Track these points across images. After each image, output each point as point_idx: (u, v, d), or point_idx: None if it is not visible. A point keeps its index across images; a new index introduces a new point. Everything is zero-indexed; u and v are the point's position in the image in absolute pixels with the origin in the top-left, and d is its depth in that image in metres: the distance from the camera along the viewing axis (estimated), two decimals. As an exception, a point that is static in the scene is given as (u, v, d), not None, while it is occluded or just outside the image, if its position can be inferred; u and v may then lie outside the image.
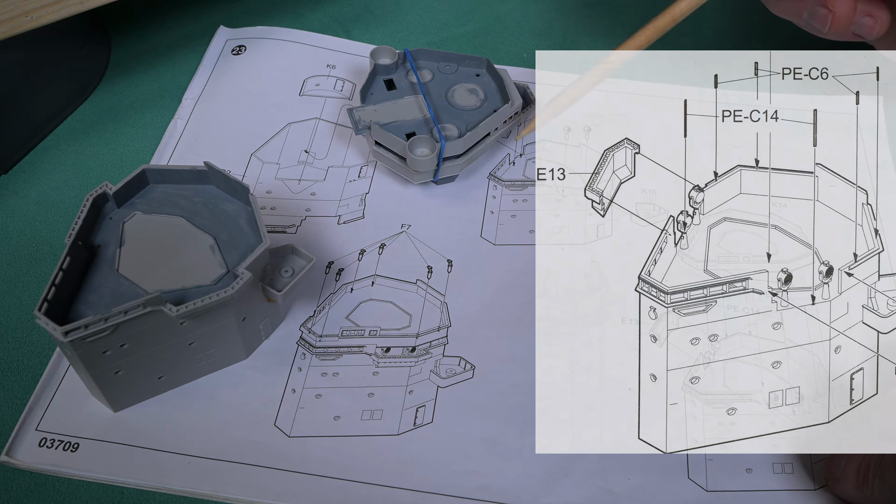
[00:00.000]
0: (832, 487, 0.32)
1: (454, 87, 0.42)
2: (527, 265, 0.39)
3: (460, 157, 0.40)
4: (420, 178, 0.40)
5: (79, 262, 0.32)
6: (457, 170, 0.41)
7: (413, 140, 0.39)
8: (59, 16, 0.37)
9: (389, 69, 0.43)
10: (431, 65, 0.44)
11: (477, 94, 0.42)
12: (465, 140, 0.40)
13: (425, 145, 0.39)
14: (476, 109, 0.42)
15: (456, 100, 0.42)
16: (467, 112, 0.41)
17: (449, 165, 0.40)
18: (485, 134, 0.41)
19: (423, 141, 0.39)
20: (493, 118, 0.41)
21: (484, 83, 0.43)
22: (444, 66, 0.43)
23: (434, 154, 0.39)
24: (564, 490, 0.32)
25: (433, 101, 0.42)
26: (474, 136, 0.40)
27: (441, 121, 0.41)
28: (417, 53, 0.44)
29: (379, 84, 0.43)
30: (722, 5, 0.53)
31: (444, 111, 0.41)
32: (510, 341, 0.36)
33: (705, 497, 0.32)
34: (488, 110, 0.41)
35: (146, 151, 0.44)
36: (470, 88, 0.42)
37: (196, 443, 0.33)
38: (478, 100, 0.42)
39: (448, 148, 0.39)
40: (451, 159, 0.40)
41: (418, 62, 0.44)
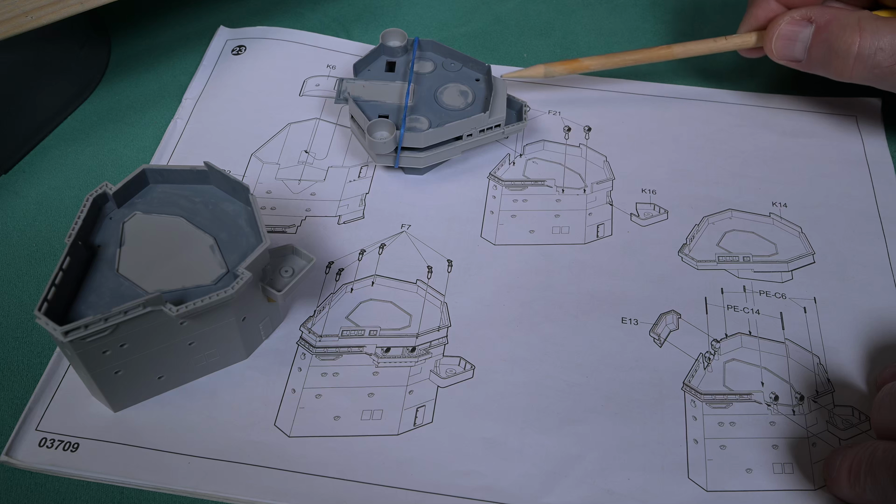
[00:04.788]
0: (829, 487, 0.32)
1: (448, 85, 0.42)
2: (527, 265, 0.39)
3: (423, 150, 0.40)
4: (381, 160, 0.41)
5: (79, 262, 0.32)
6: (419, 163, 0.41)
7: (376, 122, 0.40)
8: (59, 16, 0.37)
9: (395, 52, 0.43)
10: (437, 58, 0.44)
11: (466, 97, 0.42)
12: (428, 135, 0.39)
13: (386, 129, 0.40)
14: (457, 111, 0.41)
15: (443, 97, 0.42)
16: (448, 111, 0.41)
17: (410, 156, 0.40)
18: (454, 136, 0.40)
19: (385, 125, 0.40)
20: (463, 123, 0.40)
21: (479, 89, 0.42)
22: (449, 63, 0.43)
23: (392, 139, 0.39)
24: (564, 490, 0.32)
25: (421, 93, 0.42)
26: (440, 135, 0.40)
27: (418, 112, 0.41)
28: (427, 44, 0.44)
29: (380, 63, 0.43)
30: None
31: (427, 105, 0.41)
32: (510, 341, 0.36)
33: (705, 497, 0.32)
34: (467, 114, 0.41)
35: (146, 151, 0.44)
36: (462, 90, 0.42)
37: (196, 443, 0.33)
38: (465, 102, 0.41)
39: (409, 138, 0.39)
40: (413, 151, 0.40)
41: (425, 53, 0.44)
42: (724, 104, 0.46)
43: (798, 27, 0.40)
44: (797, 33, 0.40)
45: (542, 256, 0.39)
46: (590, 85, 0.47)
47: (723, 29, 0.51)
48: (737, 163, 0.43)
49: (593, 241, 0.40)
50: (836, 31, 0.39)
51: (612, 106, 0.46)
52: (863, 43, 0.38)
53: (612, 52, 0.49)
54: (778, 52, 0.41)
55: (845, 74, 0.39)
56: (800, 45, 0.40)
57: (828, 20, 0.39)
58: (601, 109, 0.46)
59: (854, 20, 0.39)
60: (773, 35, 0.41)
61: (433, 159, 0.41)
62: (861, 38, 0.38)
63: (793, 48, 0.41)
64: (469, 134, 0.41)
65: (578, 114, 0.46)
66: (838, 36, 0.39)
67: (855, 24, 0.38)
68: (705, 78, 0.48)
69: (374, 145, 0.39)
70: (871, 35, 0.38)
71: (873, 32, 0.38)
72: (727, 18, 0.52)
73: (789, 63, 0.41)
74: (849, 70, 0.39)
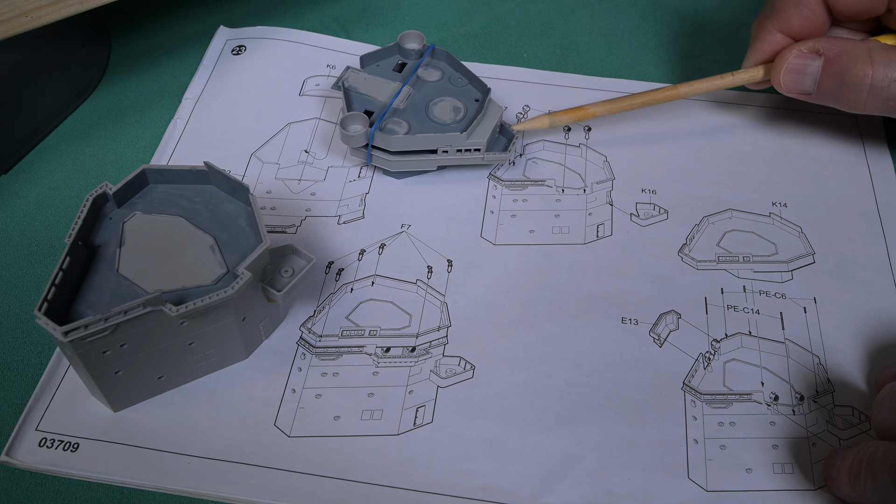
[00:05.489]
0: (830, 487, 0.32)
1: (445, 98, 0.41)
2: (527, 265, 0.39)
3: (394, 154, 0.40)
4: (354, 153, 0.41)
5: (79, 262, 0.32)
6: (390, 166, 0.41)
7: (353, 114, 0.40)
8: (59, 16, 0.37)
9: (409, 54, 0.43)
10: (447, 69, 0.43)
11: (457, 113, 0.41)
12: (399, 140, 0.39)
13: (359, 123, 0.40)
14: (441, 124, 0.40)
15: (434, 108, 0.41)
16: (433, 123, 0.40)
17: (381, 157, 0.40)
18: (427, 148, 0.40)
19: (359, 119, 0.40)
20: (437, 137, 0.39)
21: (474, 109, 0.41)
22: (456, 77, 0.43)
23: (362, 134, 0.39)
24: (564, 490, 0.32)
25: (416, 99, 0.41)
26: (411, 143, 0.40)
27: (403, 116, 0.40)
28: (440, 53, 0.43)
29: (391, 62, 0.43)
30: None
31: (415, 112, 0.41)
32: (510, 341, 0.36)
33: (705, 497, 0.32)
34: (448, 130, 0.40)
35: (146, 151, 0.44)
36: (456, 106, 0.41)
37: (196, 443, 0.33)
38: (453, 118, 0.41)
39: (380, 138, 0.39)
40: (384, 152, 0.40)
41: (437, 61, 0.43)
42: (725, 104, 0.46)
43: (806, 60, 0.39)
44: (806, 66, 0.39)
45: (542, 256, 0.39)
46: (590, 85, 0.47)
47: (723, 28, 0.51)
48: (737, 163, 0.43)
49: (593, 241, 0.40)
50: (847, 64, 0.38)
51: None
52: (875, 75, 0.37)
53: (613, 52, 0.49)
54: (787, 86, 0.40)
55: (858, 107, 0.39)
56: (809, 79, 0.40)
57: (837, 52, 0.39)
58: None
59: (864, 51, 0.38)
60: (782, 69, 0.40)
61: (405, 166, 0.41)
62: (874, 71, 0.37)
63: (802, 82, 0.40)
64: (445, 150, 0.40)
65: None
66: (849, 68, 0.38)
67: (865, 55, 0.38)
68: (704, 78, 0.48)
69: (344, 136, 0.40)
70: (883, 66, 0.37)
71: (885, 64, 0.37)
72: (727, 18, 0.52)
73: (799, 96, 0.41)
74: (862, 102, 0.38)
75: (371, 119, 0.40)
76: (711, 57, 0.49)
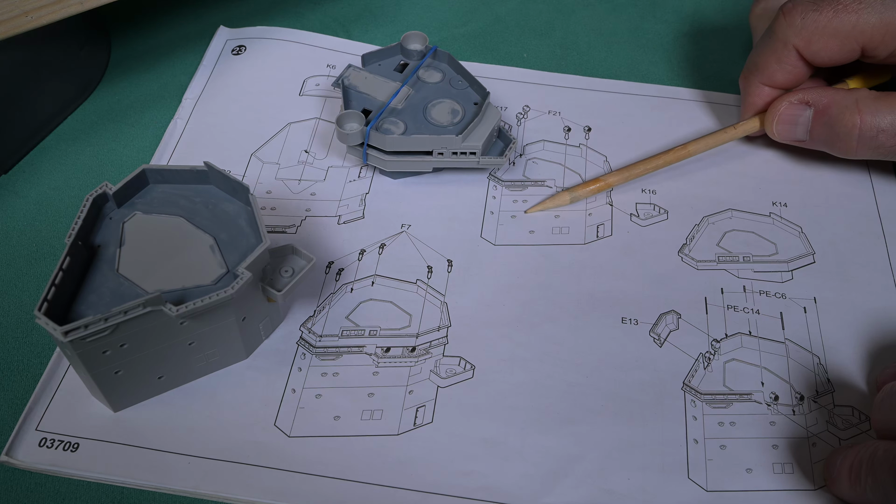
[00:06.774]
0: (830, 487, 0.32)
1: (444, 100, 0.41)
2: (527, 265, 0.39)
3: (389, 154, 0.40)
4: (352, 153, 0.41)
5: (79, 262, 0.32)
6: (385, 166, 0.40)
7: (350, 112, 0.40)
8: (59, 16, 0.37)
9: (412, 55, 0.43)
10: (448, 72, 0.43)
11: (454, 116, 0.40)
12: (394, 140, 0.39)
13: (355, 122, 0.40)
14: (438, 126, 0.40)
15: (433, 110, 0.41)
16: (429, 124, 0.40)
17: (377, 156, 0.40)
18: (422, 149, 0.40)
19: (355, 117, 0.40)
20: (432, 139, 0.39)
21: (471, 112, 0.41)
22: (456, 80, 0.42)
23: (358, 133, 0.39)
24: (564, 490, 0.32)
25: (414, 100, 0.41)
26: (406, 143, 0.40)
27: (400, 117, 0.40)
28: (443, 55, 0.43)
29: (393, 61, 0.43)
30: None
31: (413, 113, 0.41)
32: (510, 341, 0.36)
33: (705, 497, 0.32)
34: (444, 132, 0.40)
35: (146, 151, 0.44)
36: (454, 108, 0.41)
37: (196, 443, 0.33)
38: (450, 121, 0.40)
39: (376, 138, 0.39)
40: (379, 152, 0.40)
41: (438, 63, 0.43)
42: (724, 105, 0.46)
43: (797, 111, 0.40)
44: (797, 117, 0.40)
45: (542, 256, 0.39)
46: (590, 85, 0.47)
47: (722, 28, 0.51)
48: (737, 163, 0.43)
49: (593, 241, 0.40)
50: (836, 115, 0.39)
51: (612, 106, 0.46)
52: (863, 125, 0.38)
53: (613, 52, 0.49)
54: (780, 135, 0.42)
55: (850, 153, 0.40)
56: (801, 128, 0.41)
57: (826, 104, 0.40)
58: (601, 109, 0.46)
59: (852, 102, 0.39)
60: (774, 120, 0.41)
61: (400, 166, 0.41)
62: (861, 121, 0.38)
63: (794, 131, 0.41)
64: (440, 152, 0.40)
65: (578, 114, 0.46)
66: (838, 119, 0.39)
67: (853, 105, 0.38)
68: (704, 79, 0.48)
69: (340, 134, 0.40)
70: (870, 116, 0.38)
71: (873, 113, 0.38)
72: (727, 18, 0.52)
73: (793, 143, 0.42)
74: (853, 150, 0.39)
75: (368, 118, 0.40)
76: (711, 57, 0.49)
